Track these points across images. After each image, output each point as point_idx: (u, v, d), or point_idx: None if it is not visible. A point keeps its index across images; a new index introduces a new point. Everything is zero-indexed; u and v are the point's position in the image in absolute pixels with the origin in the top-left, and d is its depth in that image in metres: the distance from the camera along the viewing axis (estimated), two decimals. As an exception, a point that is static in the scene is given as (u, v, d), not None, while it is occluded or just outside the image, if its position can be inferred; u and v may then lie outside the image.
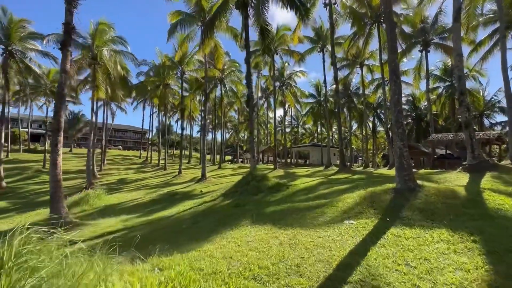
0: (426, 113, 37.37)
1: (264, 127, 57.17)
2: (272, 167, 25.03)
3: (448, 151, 21.74)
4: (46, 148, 34.45)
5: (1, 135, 20.84)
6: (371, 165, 34.52)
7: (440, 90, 31.59)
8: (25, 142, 52.88)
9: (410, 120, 40.08)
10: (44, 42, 19.34)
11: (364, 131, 45.44)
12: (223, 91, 29.93)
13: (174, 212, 8.70)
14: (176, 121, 61.19)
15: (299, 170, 21.38)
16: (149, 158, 42.50)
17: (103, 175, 28.38)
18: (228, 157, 63.52)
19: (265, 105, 44.44)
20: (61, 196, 7.35)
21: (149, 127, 40.37)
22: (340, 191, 8.04)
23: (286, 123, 59.54)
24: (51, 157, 7.30)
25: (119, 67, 20.04)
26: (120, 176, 26.82)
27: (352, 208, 5.25)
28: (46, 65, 24.76)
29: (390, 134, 23.64)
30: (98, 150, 34.85)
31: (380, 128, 53.59)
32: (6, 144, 43.75)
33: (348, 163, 32.83)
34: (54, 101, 37.64)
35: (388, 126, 22.38)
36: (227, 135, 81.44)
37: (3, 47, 21.11)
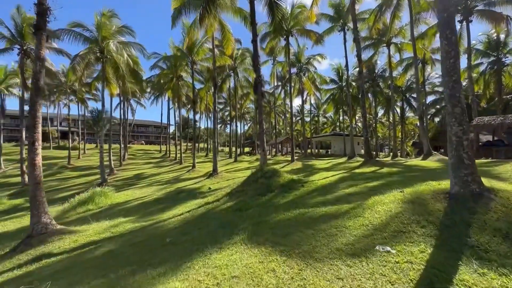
0: (465, 94, 33.29)
1: (282, 117, 55.18)
2: (290, 159, 23.45)
3: (495, 137, 18.74)
4: (70, 145, 35.68)
5: (22, 134, 21.37)
6: (399, 154, 31.53)
7: (483, 67, 27.62)
8: (56, 139, 55.93)
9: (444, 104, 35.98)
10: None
11: (391, 117, 41.98)
12: (236, 81, 28.51)
13: (171, 215, 7.64)
14: (194, 115, 61.13)
15: (319, 162, 19.65)
16: (168, 152, 42.74)
17: (122, 170, 28.65)
18: (247, 149, 62.70)
19: (283, 94, 42.46)
20: (42, 201, 6.53)
21: (167, 121, 40.36)
22: (368, 192, 6.43)
23: (305, 112, 57.18)
24: (28, 157, 6.46)
25: (127, 59, 19.36)
26: (137, 171, 26.83)
27: (387, 223, 3.70)
28: (60, 62, 24.70)
29: (424, 118, 20.91)
30: (117, 146, 35.44)
31: (409, 114, 49.49)
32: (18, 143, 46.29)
33: (374, 153, 30.29)
34: (76, 99, 38.68)
35: (423, 108, 19.74)
36: (246, 127, 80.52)
37: (19, 46, 21.36)
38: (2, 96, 32.00)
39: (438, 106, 38.94)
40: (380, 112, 49.69)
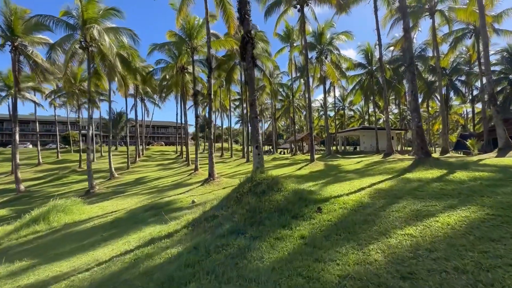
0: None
1: (303, 112, 50.42)
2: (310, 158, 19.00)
3: None
4: (81, 148, 34.81)
5: (15, 137, 19.82)
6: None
7: None
8: (78, 142, 56.59)
9: (505, 86, 29.25)
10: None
11: (431, 106, 35.95)
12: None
13: (76, 265, 4.36)
14: (196, 109, 58.76)
15: (347, 162, 15.45)
16: (182, 154, 40.68)
17: (128, 173, 26.66)
18: (266, 148, 59.26)
19: (303, 86, 38.08)
20: None
21: (181, 120, 38.20)
22: (476, 243, 2.53)
23: (328, 105, 51.90)
24: None
25: (110, 44, 16.60)
26: (141, 175, 24.55)
27: None
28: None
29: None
30: (131, 148, 33.76)
31: (453, 102, 42.76)
32: (54, 146, 46.92)
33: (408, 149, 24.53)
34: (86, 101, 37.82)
35: (492, 88, 14.77)
36: (265, 125, 76.99)
37: (10, 43, 19.80)
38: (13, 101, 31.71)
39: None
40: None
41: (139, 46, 17.56)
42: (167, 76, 27.37)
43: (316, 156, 26.20)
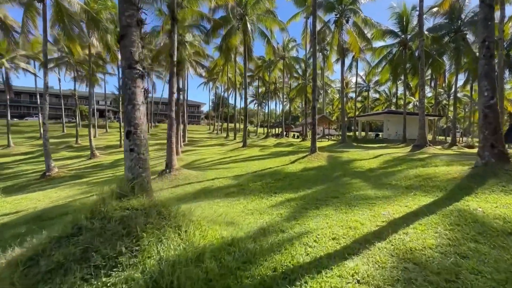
0: None
1: (321, 92, 44.97)
2: (325, 144, 14.11)
3: None
4: (79, 123, 33.22)
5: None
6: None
7: None
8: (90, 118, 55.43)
9: None
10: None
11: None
12: (246, 35, 20.52)
13: None
14: (225, 90, 55.11)
15: (361, 155, 11.42)
16: (186, 133, 38.05)
17: (116, 152, 24.45)
18: (278, 131, 55.41)
19: (322, 62, 32.83)
20: None
21: (183, 96, 35.23)
22: None
23: (352, 85, 45.97)
24: None
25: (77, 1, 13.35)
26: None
27: None
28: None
29: None
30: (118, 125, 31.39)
31: (505, 86, 35.52)
32: (67, 120, 46.23)
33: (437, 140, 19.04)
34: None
35: None
36: (280, 106, 72.23)
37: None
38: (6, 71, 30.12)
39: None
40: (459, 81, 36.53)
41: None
42: (156, 43, 23.85)
43: (326, 144, 22.09)
